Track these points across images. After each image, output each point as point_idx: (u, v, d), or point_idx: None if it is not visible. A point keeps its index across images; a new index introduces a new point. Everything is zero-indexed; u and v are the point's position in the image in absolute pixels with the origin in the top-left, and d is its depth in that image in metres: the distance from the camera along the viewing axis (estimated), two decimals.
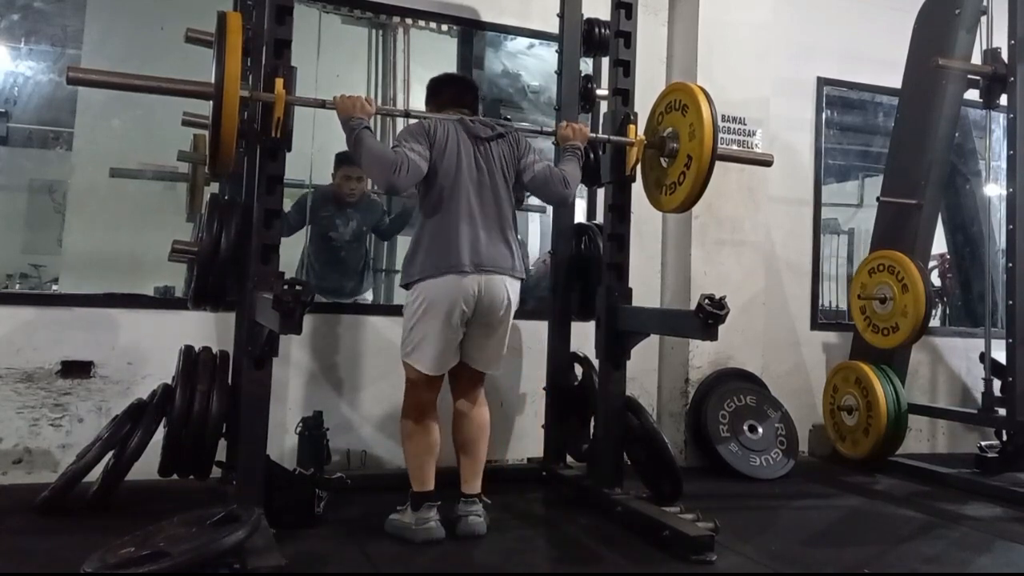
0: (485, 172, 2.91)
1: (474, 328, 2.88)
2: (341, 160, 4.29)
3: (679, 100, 3.15)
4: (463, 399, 3.00)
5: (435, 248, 2.82)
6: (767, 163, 3.64)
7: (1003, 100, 4.13)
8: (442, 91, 3.16)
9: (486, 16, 4.35)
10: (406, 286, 2.90)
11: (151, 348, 3.53)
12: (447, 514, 2.86)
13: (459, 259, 2.79)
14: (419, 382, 2.88)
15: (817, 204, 5.04)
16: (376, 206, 4.61)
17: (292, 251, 4.11)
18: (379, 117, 4.46)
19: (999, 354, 4.11)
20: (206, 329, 3.50)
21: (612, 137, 3.30)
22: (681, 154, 3.11)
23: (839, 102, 5.32)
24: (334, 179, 4.32)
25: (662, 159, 3.24)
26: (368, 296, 4.63)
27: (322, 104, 2.81)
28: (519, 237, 3.10)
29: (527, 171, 3.01)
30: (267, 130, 2.71)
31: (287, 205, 4.18)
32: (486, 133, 2.96)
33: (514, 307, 2.95)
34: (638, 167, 3.28)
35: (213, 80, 2.57)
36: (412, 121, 3.13)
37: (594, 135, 3.27)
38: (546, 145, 3.73)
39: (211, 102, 2.55)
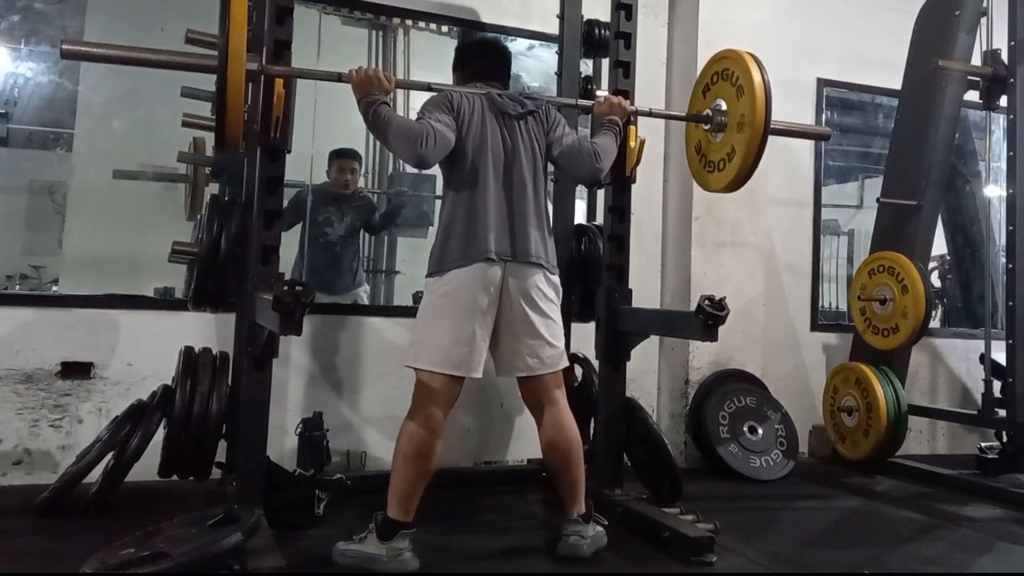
0: (512, 153, 2.68)
1: (504, 326, 2.62)
2: (336, 154, 4.37)
3: (728, 70, 2.96)
4: (537, 417, 2.78)
5: (458, 237, 2.58)
6: (825, 136, 3.63)
7: (1003, 101, 4.13)
8: (473, 60, 2.89)
9: (486, 17, 4.34)
10: (428, 276, 2.64)
11: (151, 349, 3.52)
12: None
13: (482, 248, 2.55)
14: (428, 390, 2.54)
15: (817, 205, 5.04)
16: (367, 202, 4.66)
17: (285, 251, 4.10)
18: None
19: (999, 355, 4.11)
20: (206, 330, 3.50)
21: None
22: (731, 127, 2.93)
23: (839, 103, 5.32)
24: (328, 174, 4.37)
25: (709, 134, 3.08)
26: (363, 293, 4.64)
27: (337, 77, 2.59)
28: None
29: (556, 145, 2.77)
30: (267, 131, 2.70)
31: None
32: (515, 110, 2.71)
33: (551, 301, 2.68)
34: (637, 168, 3.27)
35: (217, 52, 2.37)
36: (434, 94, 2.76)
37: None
38: None
39: (215, 76, 2.36)
